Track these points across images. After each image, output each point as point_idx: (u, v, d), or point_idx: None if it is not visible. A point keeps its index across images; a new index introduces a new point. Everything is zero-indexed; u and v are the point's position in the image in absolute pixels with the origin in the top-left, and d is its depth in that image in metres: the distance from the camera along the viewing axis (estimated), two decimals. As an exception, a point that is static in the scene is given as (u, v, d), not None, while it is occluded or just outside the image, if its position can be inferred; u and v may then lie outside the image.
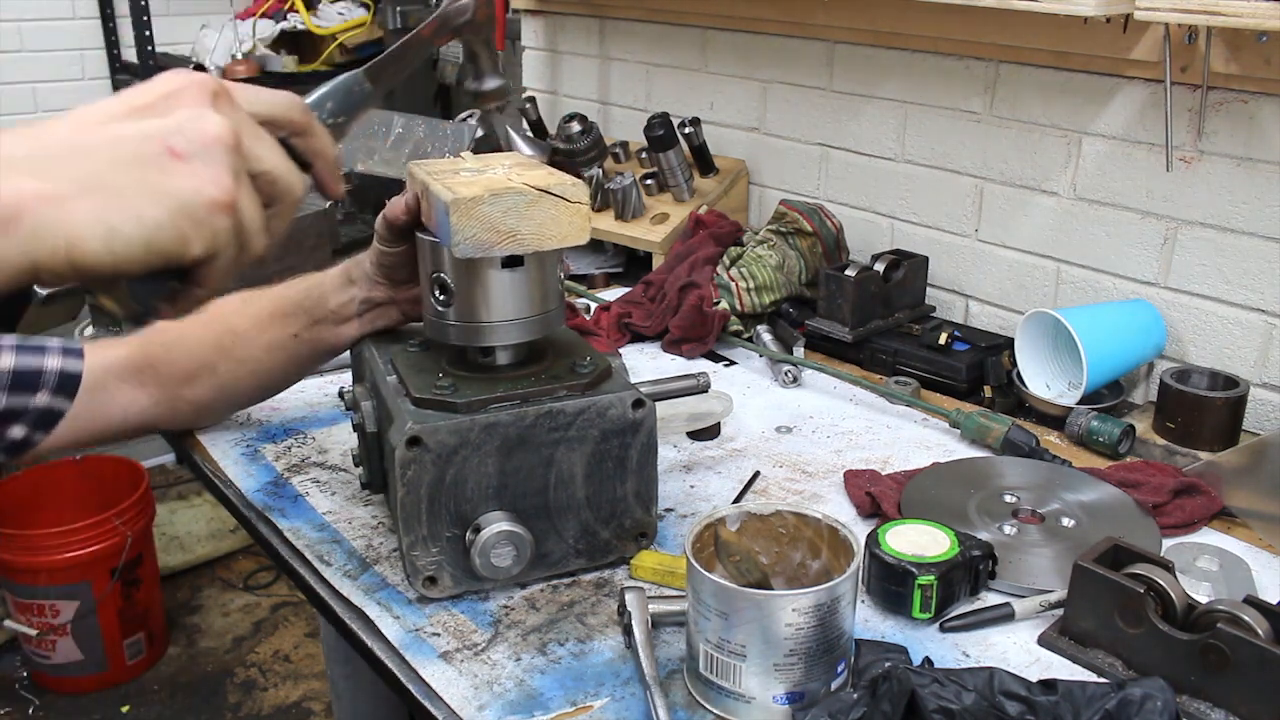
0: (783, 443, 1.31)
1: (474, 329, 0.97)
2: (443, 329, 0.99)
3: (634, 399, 0.97)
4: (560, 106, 2.31)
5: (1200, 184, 1.37)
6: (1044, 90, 1.50)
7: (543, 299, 0.98)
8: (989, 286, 1.64)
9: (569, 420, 0.95)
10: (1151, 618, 0.87)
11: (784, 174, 1.91)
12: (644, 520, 1.02)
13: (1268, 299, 1.34)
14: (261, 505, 1.14)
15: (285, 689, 2.69)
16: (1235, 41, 1.25)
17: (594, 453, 0.97)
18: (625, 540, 1.02)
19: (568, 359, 1.01)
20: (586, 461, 0.97)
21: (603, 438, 0.97)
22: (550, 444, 0.95)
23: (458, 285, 0.96)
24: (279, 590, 3.02)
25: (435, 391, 0.95)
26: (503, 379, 0.98)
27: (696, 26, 1.99)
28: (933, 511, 1.08)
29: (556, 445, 0.96)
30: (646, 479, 1.01)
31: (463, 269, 0.95)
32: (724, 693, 0.84)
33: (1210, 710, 0.84)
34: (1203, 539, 1.10)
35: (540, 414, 0.94)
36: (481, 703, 0.86)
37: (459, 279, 0.96)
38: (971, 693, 0.75)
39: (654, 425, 0.99)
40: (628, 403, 0.97)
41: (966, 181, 1.63)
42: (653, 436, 0.99)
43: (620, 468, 0.99)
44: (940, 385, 1.46)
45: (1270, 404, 1.36)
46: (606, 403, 0.96)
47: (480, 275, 0.95)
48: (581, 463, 0.97)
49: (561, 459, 0.96)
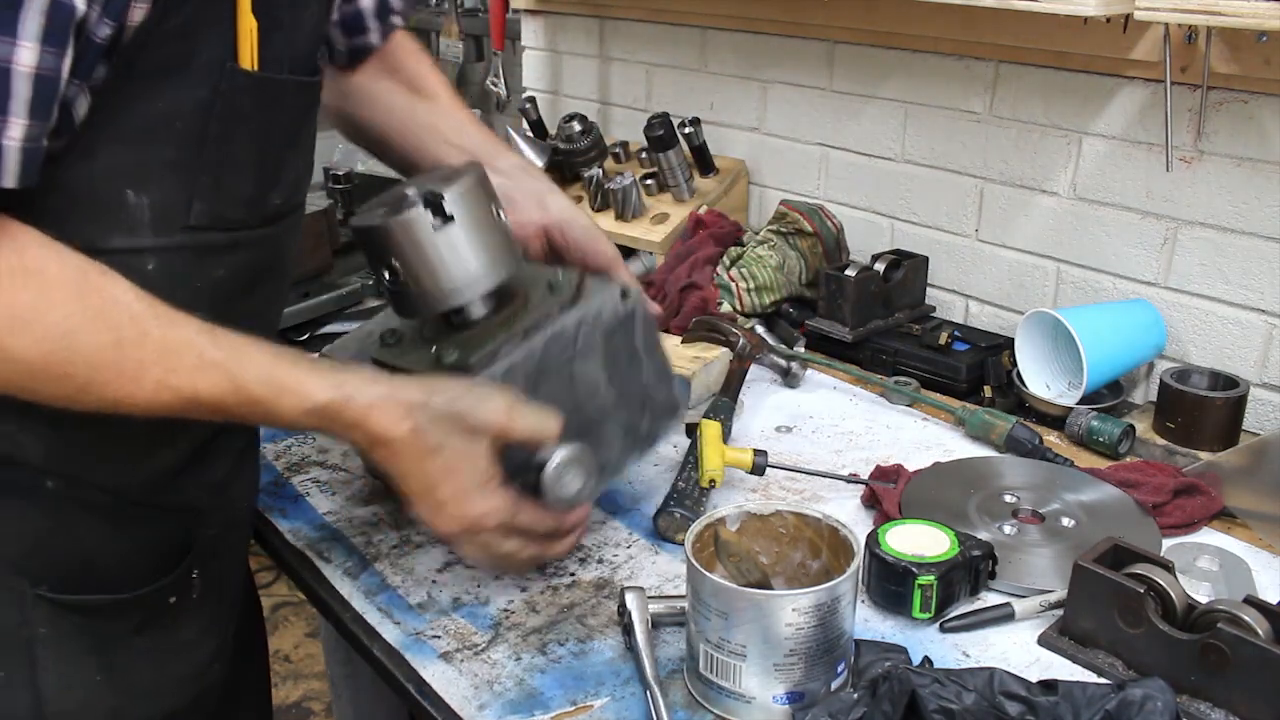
0: (783, 443, 1.31)
1: (440, 294, 0.96)
2: (411, 304, 0.97)
3: (620, 291, 0.99)
4: (560, 106, 2.31)
5: (1200, 184, 1.37)
6: (1044, 90, 1.50)
7: (489, 245, 0.96)
8: (989, 286, 1.64)
9: (572, 335, 0.97)
10: (1151, 618, 0.87)
11: (784, 174, 1.90)
12: (670, 396, 1.05)
13: (1268, 299, 1.34)
14: (262, 505, 1.14)
15: (285, 689, 2.69)
16: (1235, 41, 1.25)
17: (606, 355, 0.99)
18: (662, 420, 1.05)
19: (540, 284, 1.01)
20: (603, 366, 0.99)
21: (607, 338, 0.99)
22: (565, 364, 0.97)
23: (408, 259, 0.94)
24: (279, 590, 3.02)
25: (443, 364, 0.94)
26: (494, 327, 0.98)
27: (696, 26, 1.99)
28: (933, 511, 1.08)
29: (571, 363, 0.97)
30: (658, 357, 1.03)
31: (405, 245, 0.94)
32: (724, 693, 0.84)
33: (1210, 710, 0.84)
34: (1203, 539, 1.10)
35: (546, 341, 0.95)
36: (481, 702, 0.86)
37: (405, 254, 0.94)
38: (972, 693, 0.75)
39: (646, 307, 1.02)
40: (617, 298, 0.99)
41: (966, 181, 1.63)
42: (649, 317, 1.02)
43: (633, 358, 1.01)
44: (940, 385, 1.46)
45: (1270, 404, 1.36)
46: (597, 306, 0.98)
47: (420, 242, 0.93)
48: (599, 369, 0.99)
49: (580, 373, 0.98)
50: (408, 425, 0.84)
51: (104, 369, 0.75)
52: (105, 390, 0.76)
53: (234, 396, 0.79)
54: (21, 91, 0.68)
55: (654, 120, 1.83)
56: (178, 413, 0.78)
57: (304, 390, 0.81)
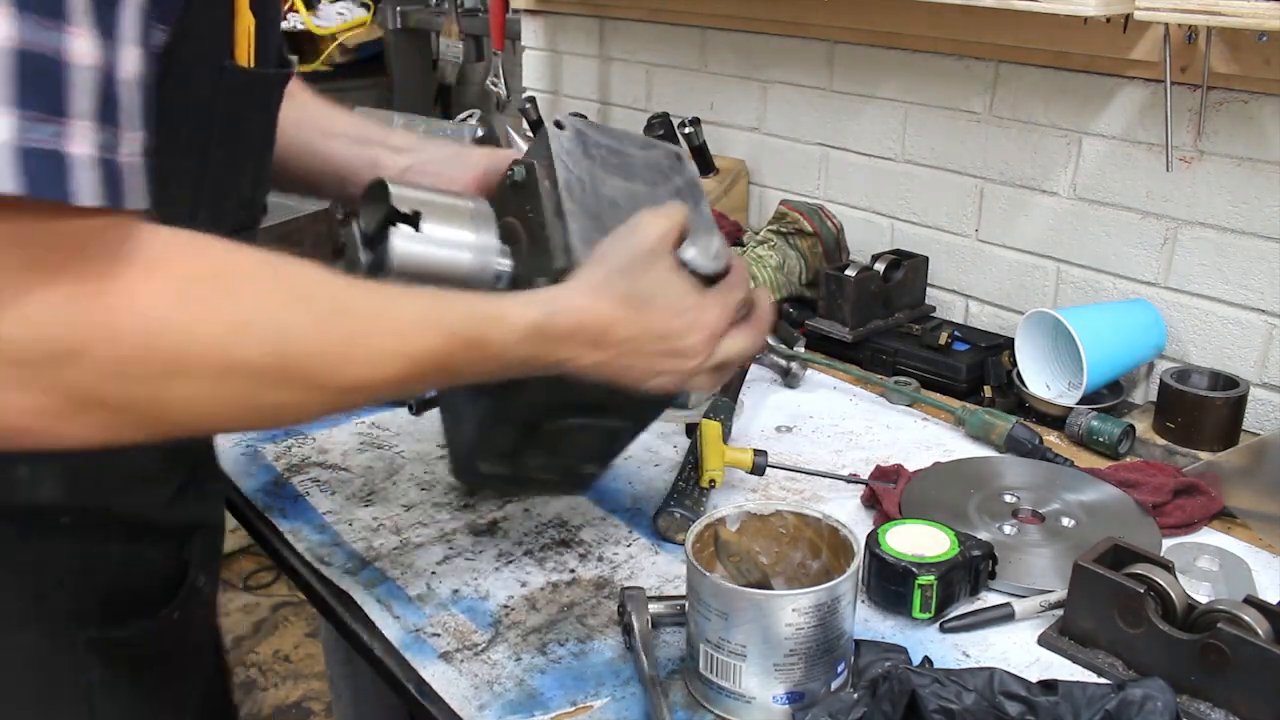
0: (783, 443, 1.31)
1: (474, 280, 0.91)
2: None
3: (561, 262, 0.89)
4: (560, 106, 2.31)
5: (1200, 184, 1.37)
6: (1044, 90, 1.50)
7: (463, 212, 0.92)
8: (989, 286, 1.64)
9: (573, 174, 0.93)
10: (1151, 618, 0.87)
11: (784, 174, 1.90)
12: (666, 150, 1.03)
13: (1268, 299, 1.34)
14: (262, 505, 1.14)
15: (285, 689, 2.69)
16: (1235, 41, 1.25)
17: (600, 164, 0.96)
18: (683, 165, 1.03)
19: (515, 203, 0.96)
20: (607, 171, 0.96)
21: (587, 152, 0.96)
22: (595, 196, 0.93)
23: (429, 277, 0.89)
24: (279, 590, 3.02)
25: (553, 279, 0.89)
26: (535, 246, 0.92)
27: (696, 26, 1.99)
28: (933, 511, 1.08)
29: (599, 190, 0.93)
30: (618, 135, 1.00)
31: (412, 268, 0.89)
32: (724, 693, 0.84)
33: (1210, 710, 0.84)
34: (1203, 539, 1.10)
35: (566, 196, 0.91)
36: (481, 702, 0.86)
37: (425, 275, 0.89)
38: (972, 693, 0.75)
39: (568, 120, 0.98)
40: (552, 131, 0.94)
41: (967, 181, 1.63)
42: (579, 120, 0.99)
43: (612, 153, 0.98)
44: (940, 385, 1.46)
45: (1270, 404, 1.36)
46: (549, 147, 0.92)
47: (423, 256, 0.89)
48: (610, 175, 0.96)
49: (610, 192, 0.95)
50: (616, 297, 0.81)
51: (330, 355, 0.69)
52: (337, 377, 0.69)
53: (450, 346, 0.74)
54: (134, 102, 0.60)
55: (654, 120, 1.83)
56: (404, 385, 0.74)
57: (511, 317, 0.77)
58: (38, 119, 0.54)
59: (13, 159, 0.53)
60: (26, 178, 0.53)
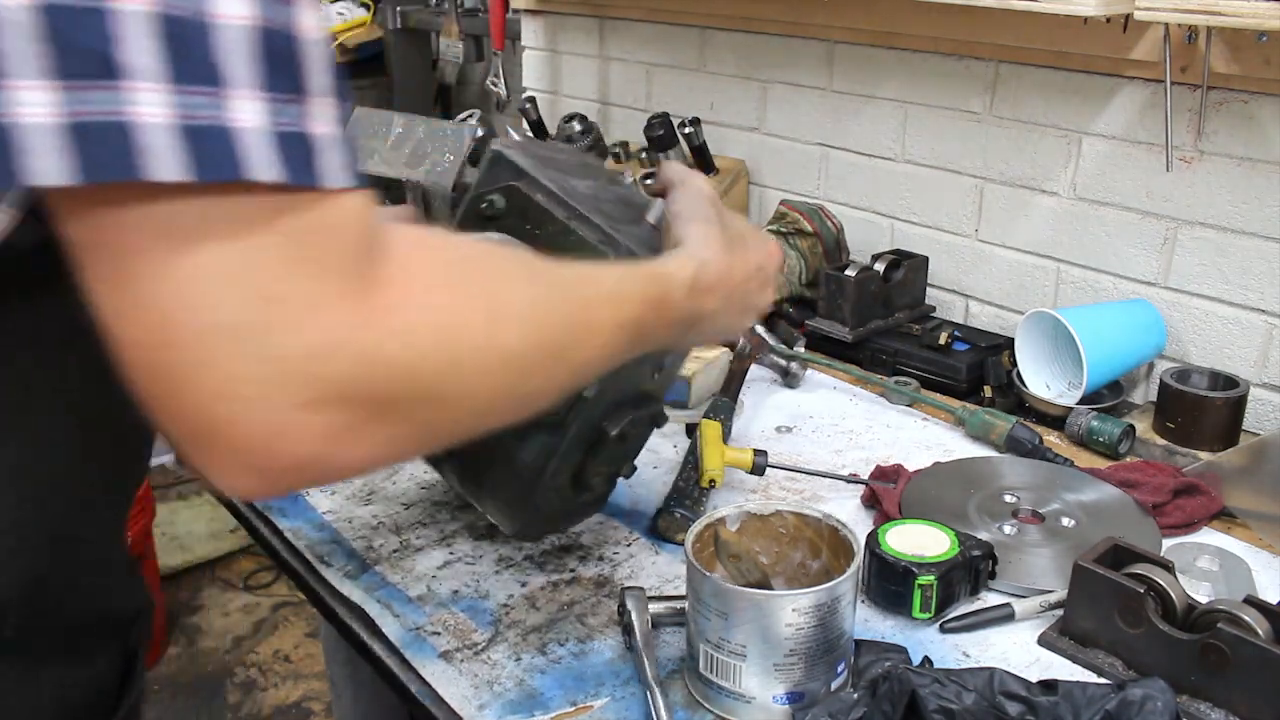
0: (783, 443, 1.31)
1: None
2: None
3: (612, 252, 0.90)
4: (560, 106, 2.31)
5: (1200, 184, 1.37)
6: (1044, 90, 1.50)
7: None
8: (989, 286, 1.64)
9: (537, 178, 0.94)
10: (1151, 618, 0.87)
11: (784, 174, 1.90)
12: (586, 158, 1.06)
13: (1268, 299, 1.34)
14: (262, 505, 1.14)
15: (285, 689, 2.69)
16: (1235, 41, 1.25)
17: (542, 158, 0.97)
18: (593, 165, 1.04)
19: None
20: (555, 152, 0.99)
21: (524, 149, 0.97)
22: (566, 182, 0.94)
23: None
24: (279, 590, 3.02)
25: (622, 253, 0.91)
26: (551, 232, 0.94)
27: (696, 26, 1.99)
28: (933, 511, 1.08)
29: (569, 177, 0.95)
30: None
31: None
32: (724, 693, 0.84)
33: (1210, 710, 0.84)
34: (1203, 539, 1.10)
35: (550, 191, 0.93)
36: (481, 702, 0.86)
37: None
38: (972, 693, 0.75)
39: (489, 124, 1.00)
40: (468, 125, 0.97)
41: (966, 181, 1.63)
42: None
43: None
44: (940, 385, 1.46)
45: (1270, 404, 1.36)
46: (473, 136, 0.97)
47: None
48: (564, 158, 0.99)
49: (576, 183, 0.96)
50: (724, 245, 0.85)
51: (575, 330, 0.66)
52: (580, 353, 0.67)
53: (644, 310, 0.73)
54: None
55: (654, 120, 1.83)
56: (615, 357, 0.72)
57: (678, 274, 0.79)
58: (286, 100, 0.48)
59: (270, 144, 0.47)
60: (286, 165, 0.47)
